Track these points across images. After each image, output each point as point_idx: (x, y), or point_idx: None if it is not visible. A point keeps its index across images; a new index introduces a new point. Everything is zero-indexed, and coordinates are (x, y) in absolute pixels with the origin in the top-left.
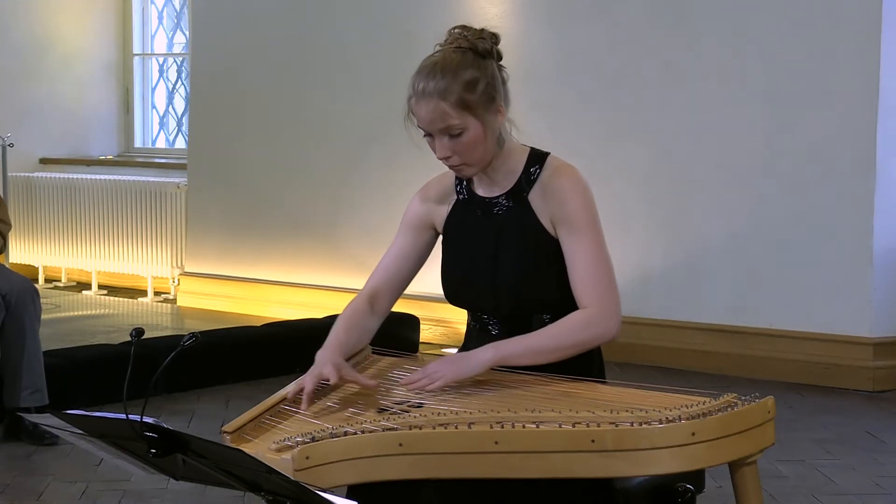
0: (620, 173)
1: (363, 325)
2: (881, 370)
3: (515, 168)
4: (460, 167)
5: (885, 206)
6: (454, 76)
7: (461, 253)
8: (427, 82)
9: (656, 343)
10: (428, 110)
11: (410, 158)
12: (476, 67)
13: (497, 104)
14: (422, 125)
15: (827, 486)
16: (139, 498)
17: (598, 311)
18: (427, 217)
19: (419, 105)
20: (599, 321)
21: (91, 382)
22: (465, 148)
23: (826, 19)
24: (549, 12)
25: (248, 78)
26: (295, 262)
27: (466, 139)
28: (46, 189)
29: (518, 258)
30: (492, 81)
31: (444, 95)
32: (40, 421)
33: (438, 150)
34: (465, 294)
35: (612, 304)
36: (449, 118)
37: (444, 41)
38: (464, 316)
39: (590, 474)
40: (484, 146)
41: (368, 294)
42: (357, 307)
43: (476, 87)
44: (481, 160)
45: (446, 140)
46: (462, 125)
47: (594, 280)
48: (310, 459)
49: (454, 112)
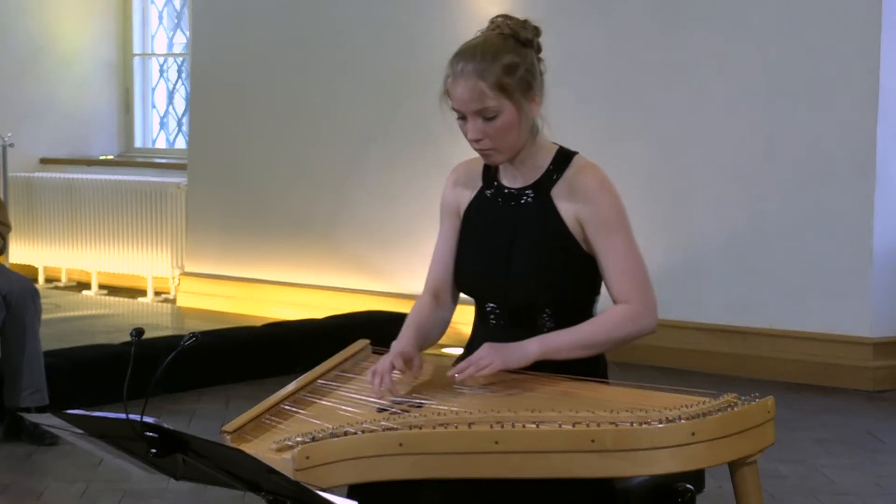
0: (620, 173)
1: (432, 318)
2: (881, 370)
3: (542, 163)
4: (490, 152)
5: (885, 206)
6: (494, 58)
7: (477, 242)
8: (466, 63)
9: (656, 343)
10: (466, 89)
11: (410, 158)
12: (516, 53)
13: (533, 92)
14: (457, 105)
15: (827, 486)
16: (139, 498)
17: (641, 306)
18: (456, 203)
19: (456, 84)
20: (643, 315)
21: (91, 382)
22: (497, 132)
23: (826, 19)
24: (548, 12)
25: (248, 78)
26: (295, 262)
27: (500, 122)
28: (46, 189)
29: (533, 254)
30: (531, 69)
31: (482, 76)
32: (40, 421)
33: (471, 132)
34: (476, 283)
35: (651, 298)
36: (486, 99)
37: (486, 27)
38: (466, 316)
39: (590, 474)
40: (517, 132)
41: (430, 290)
42: (422, 304)
43: (515, 71)
44: (512, 147)
45: (480, 122)
46: (497, 107)
47: (632, 276)
48: (310, 459)
49: (491, 93)
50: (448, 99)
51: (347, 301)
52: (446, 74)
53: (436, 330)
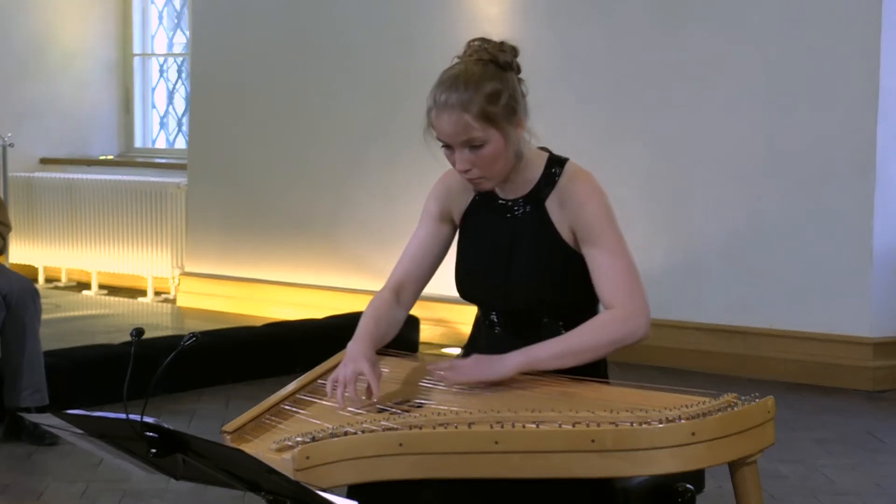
0: (620, 173)
1: (391, 316)
2: (881, 370)
3: (533, 176)
4: (479, 180)
5: (885, 206)
6: (477, 88)
7: (476, 248)
8: (449, 94)
9: (656, 343)
10: (450, 122)
11: (410, 158)
12: (498, 80)
13: (518, 117)
14: (442, 137)
15: (827, 486)
16: (139, 498)
17: (628, 308)
18: (447, 208)
19: (440, 117)
20: (629, 318)
21: (91, 382)
22: (485, 161)
23: (826, 19)
24: (548, 12)
25: (248, 78)
26: (295, 262)
27: (487, 152)
28: (46, 189)
29: (532, 260)
30: (513, 94)
31: (466, 107)
32: (40, 421)
33: (458, 164)
34: (477, 289)
35: (640, 302)
36: (471, 130)
37: (463, 53)
38: (465, 316)
39: (590, 474)
40: (504, 159)
41: (393, 287)
42: (383, 299)
43: (499, 99)
44: (500, 173)
45: (467, 152)
46: (484, 137)
47: (620, 281)
48: (310, 459)
49: (477, 124)
50: (432, 130)
51: (347, 301)
52: (428, 106)
53: (392, 329)
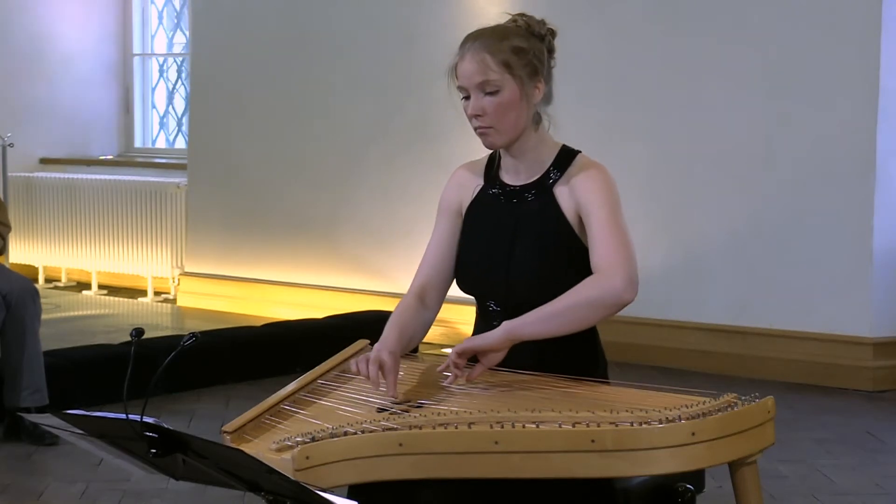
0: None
1: (417, 320)
2: (881, 370)
3: (545, 159)
4: (488, 130)
5: (885, 206)
6: (504, 38)
7: (479, 240)
8: (476, 40)
9: (656, 343)
10: (472, 60)
11: (410, 158)
12: (527, 40)
13: (539, 78)
14: (461, 80)
15: (827, 486)
16: (139, 498)
17: (607, 269)
18: (459, 203)
19: (464, 59)
20: (607, 277)
21: (91, 382)
22: (497, 108)
23: (826, 19)
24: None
25: (248, 78)
26: (295, 262)
27: (501, 99)
28: (46, 189)
29: (535, 252)
30: (539, 56)
31: (490, 50)
32: (40, 421)
33: (471, 107)
34: (477, 282)
35: (626, 266)
36: (489, 71)
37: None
38: (465, 316)
39: (590, 474)
40: (516, 112)
41: (417, 291)
42: (407, 305)
43: (522, 54)
44: (511, 127)
45: (481, 97)
46: (500, 81)
47: (606, 246)
48: (310, 459)
49: (496, 67)
50: (455, 78)
51: (347, 301)
52: (456, 53)
53: (419, 333)
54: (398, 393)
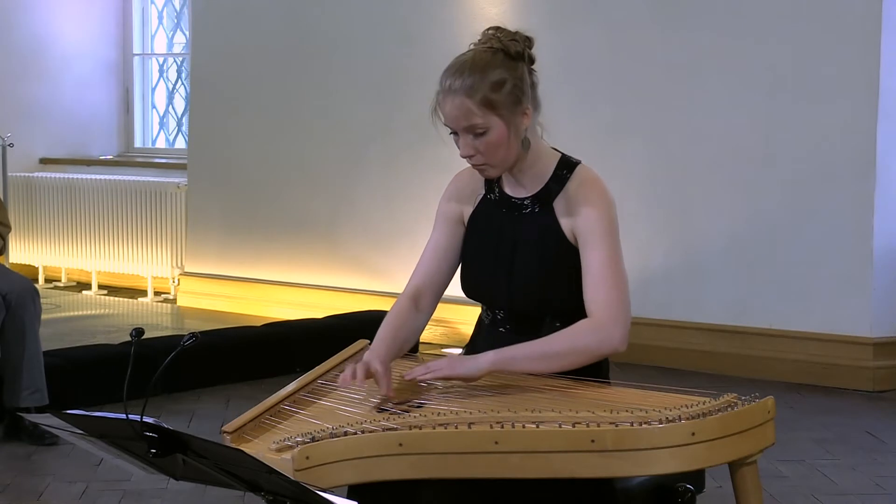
0: (620, 173)
1: (410, 325)
2: (881, 370)
3: (544, 172)
4: (483, 167)
5: (885, 206)
6: (482, 75)
7: (482, 248)
8: (455, 80)
9: (656, 343)
10: (453, 107)
11: (410, 158)
12: (505, 68)
13: (523, 106)
14: (447, 122)
15: (827, 486)
16: (139, 498)
17: (604, 318)
18: (458, 210)
19: (445, 102)
20: (606, 327)
21: (91, 382)
22: (487, 147)
23: (826, 19)
24: (548, 12)
25: (248, 78)
26: (295, 262)
27: (490, 139)
28: (46, 189)
29: (536, 261)
30: (519, 83)
31: (469, 93)
32: (40, 421)
33: (462, 149)
34: (482, 289)
35: (621, 313)
36: (473, 116)
37: (477, 41)
38: (465, 316)
39: (590, 474)
40: (507, 147)
41: (411, 294)
42: (401, 307)
43: (502, 87)
44: (504, 161)
45: (470, 138)
46: (485, 124)
47: (604, 288)
48: (310, 459)
49: (479, 111)
50: (440, 114)
51: (347, 301)
52: (437, 91)
53: (412, 336)
54: (396, 394)
